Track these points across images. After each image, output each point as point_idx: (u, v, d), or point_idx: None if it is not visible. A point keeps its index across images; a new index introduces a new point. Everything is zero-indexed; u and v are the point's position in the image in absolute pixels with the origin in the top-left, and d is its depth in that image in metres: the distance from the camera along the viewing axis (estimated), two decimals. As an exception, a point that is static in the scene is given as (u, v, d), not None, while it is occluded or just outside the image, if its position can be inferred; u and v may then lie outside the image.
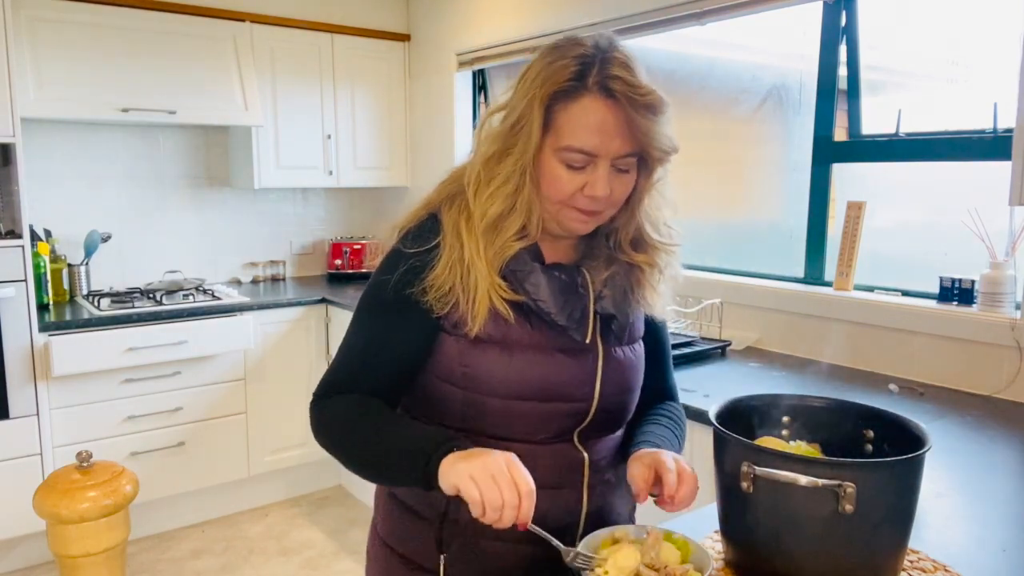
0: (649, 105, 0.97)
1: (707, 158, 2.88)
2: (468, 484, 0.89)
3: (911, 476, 0.91)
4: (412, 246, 1.05)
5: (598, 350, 1.08)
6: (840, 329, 2.27)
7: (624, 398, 1.13)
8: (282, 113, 3.61)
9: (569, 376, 1.06)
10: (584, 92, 0.97)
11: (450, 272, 1.02)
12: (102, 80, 3.06)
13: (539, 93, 0.98)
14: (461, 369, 1.04)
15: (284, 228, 4.03)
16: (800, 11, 2.42)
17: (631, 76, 0.97)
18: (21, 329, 2.78)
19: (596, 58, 0.98)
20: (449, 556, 1.08)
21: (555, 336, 1.05)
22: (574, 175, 1.00)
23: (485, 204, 1.03)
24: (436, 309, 1.03)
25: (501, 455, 0.91)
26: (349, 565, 3.02)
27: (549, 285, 1.05)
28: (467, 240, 1.03)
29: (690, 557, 0.94)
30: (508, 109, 1.04)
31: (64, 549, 2.31)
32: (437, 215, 1.08)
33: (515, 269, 1.04)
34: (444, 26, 3.77)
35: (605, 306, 1.08)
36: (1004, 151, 1.84)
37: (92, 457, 2.42)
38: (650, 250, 1.11)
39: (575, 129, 0.98)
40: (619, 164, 1.01)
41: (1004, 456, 1.55)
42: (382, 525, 1.19)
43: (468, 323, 1.02)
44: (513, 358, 1.03)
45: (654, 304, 1.14)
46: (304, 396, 3.51)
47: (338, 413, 1.06)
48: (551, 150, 1.00)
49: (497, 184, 1.02)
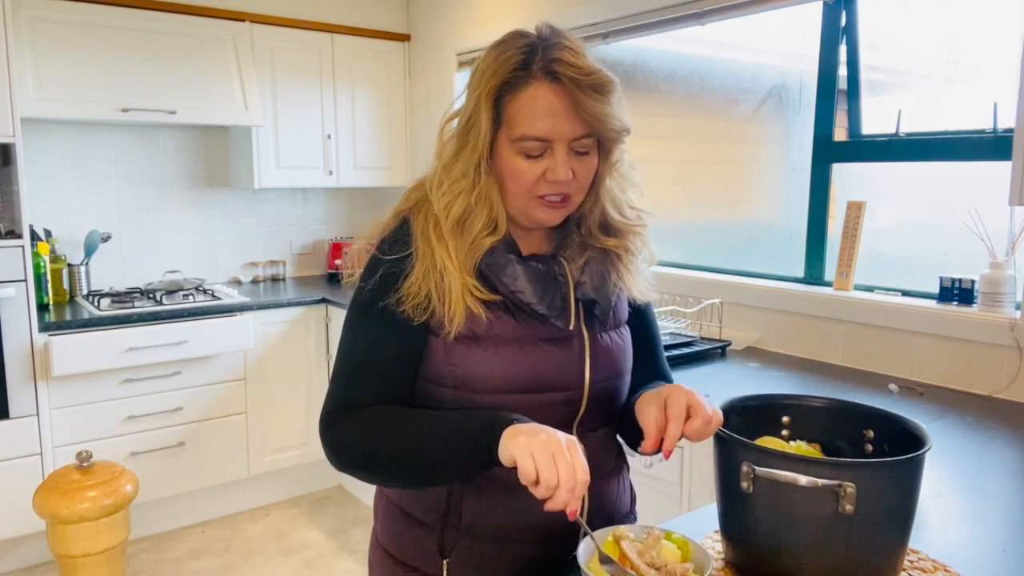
0: (595, 85, 0.98)
1: (707, 158, 2.88)
2: (525, 457, 0.87)
3: (911, 476, 0.90)
4: (389, 253, 1.06)
5: (583, 336, 1.09)
6: (840, 329, 2.27)
7: (615, 383, 1.13)
8: (282, 113, 3.61)
9: (556, 365, 1.06)
10: (530, 79, 0.99)
11: (424, 279, 1.03)
12: (102, 80, 3.06)
13: (486, 88, 1.00)
14: (449, 368, 1.04)
15: (284, 228, 4.04)
16: (800, 11, 2.42)
17: (575, 58, 0.98)
18: (21, 329, 2.78)
19: (539, 46, 1.00)
20: (451, 561, 1.08)
21: (539, 327, 1.05)
22: (533, 164, 1.01)
23: (445, 203, 1.04)
24: (414, 317, 1.03)
25: (564, 436, 0.90)
26: (349, 565, 3.03)
27: (526, 275, 1.05)
28: (436, 245, 1.04)
29: (690, 557, 0.94)
30: (463, 110, 1.05)
31: (64, 549, 2.31)
32: (408, 222, 1.08)
33: (491, 263, 1.04)
34: (444, 26, 3.77)
35: (585, 292, 1.09)
36: (1004, 151, 1.84)
37: (92, 457, 2.42)
38: (619, 233, 1.12)
39: (526, 117, 0.99)
40: (576, 147, 1.01)
41: (1004, 456, 1.55)
42: (383, 534, 1.18)
43: (447, 326, 1.02)
44: (498, 352, 1.03)
45: (632, 286, 1.15)
46: (304, 396, 3.54)
47: (360, 427, 1.03)
48: (507, 143, 1.01)
49: (453, 181, 1.04)
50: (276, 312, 3.40)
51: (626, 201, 1.13)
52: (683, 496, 1.86)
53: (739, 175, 2.82)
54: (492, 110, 1.00)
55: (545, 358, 1.05)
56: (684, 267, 2.81)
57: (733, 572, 0.99)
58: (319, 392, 3.58)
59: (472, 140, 1.02)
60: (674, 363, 2.24)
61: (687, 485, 1.84)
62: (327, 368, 3.58)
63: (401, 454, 1.00)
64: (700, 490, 1.80)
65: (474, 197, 1.03)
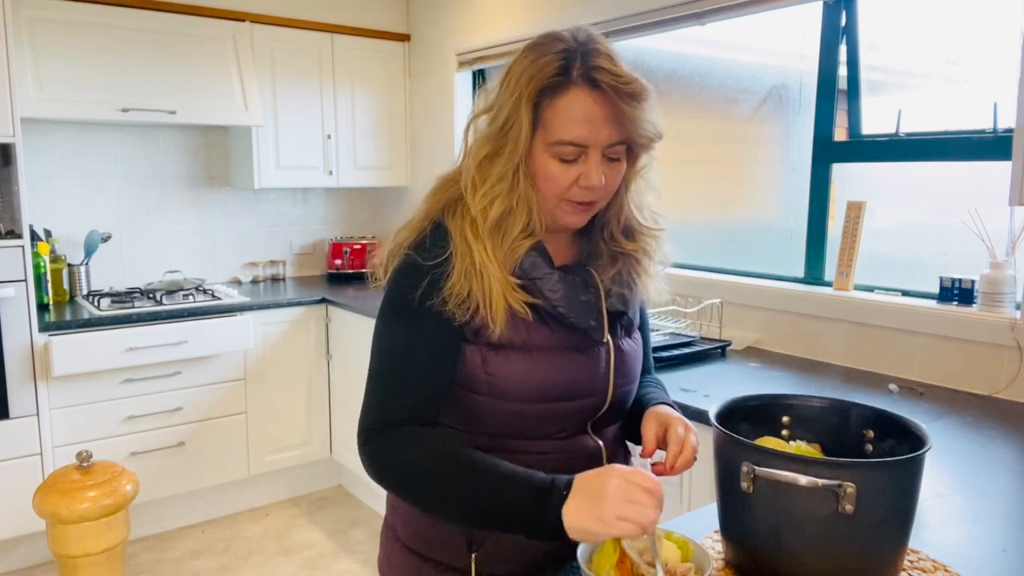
0: (633, 93, 0.99)
1: (707, 158, 2.88)
2: (616, 525, 0.86)
3: (911, 476, 0.90)
4: (429, 258, 1.04)
5: (609, 345, 1.12)
6: (840, 329, 2.27)
7: (632, 386, 1.17)
8: (282, 113, 3.61)
9: (587, 373, 1.08)
10: (570, 85, 0.99)
11: (465, 278, 1.02)
12: (102, 80, 3.06)
13: (526, 91, 1.00)
14: (485, 377, 1.05)
15: (284, 228, 4.04)
16: (800, 11, 2.42)
17: (614, 66, 0.99)
18: (21, 329, 2.78)
19: (578, 51, 1.00)
20: (480, 554, 1.08)
21: (571, 336, 1.08)
22: (567, 168, 1.02)
23: (484, 206, 1.04)
24: (457, 317, 1.02)
25: (609, 474, 0.90)
26: (349, 565, 3.03)
27: (564, 287, 1.07)
28: (475, 245, 1.03)
29: (690, 557, 0.94)
30: (495, 110, 1.05)
31: (64, 549, 2.31)
32: (443, 223, 1.07)
33: (534, 277, 1.05)
34: (444, 26, 3.77)
35: (615, 303, 1.12)
36: (1004, 151, 1.84)
37: (92, 457, 2.42)
38: (640, 237, 1.14)
39: (564, 122, 0.99)
40: (609, 153, 1.02)
41: (1004, 456, 1.55)
42: (404, 529, 1.17)
43: (489, 326, 1.02)
44: (535, 362, 1.05)
45: (650, 288, 1.17)
46: (304, 396, 3.54)
47: (408, 454, 1.00)
48: (542, 146, 1.02)
49: (492, 184, 1.03)
50: (276, 312, 3.40)
51: (646, 204, 1.14)
52: (683, 496, 1.86)
53: (739, 175, 2.82)
54: (531, 113, 1.00)
55: (577, 367, 1.08)
56: (684, 267, 2.81)
57: (733, 572, 0.99)
58: (319, 392, 3.58)
59: (511, 142, 1.01)
60: (674, 363, 2.25)
61: (687, 485, 1.84)
62: (327, 368, 3.58)
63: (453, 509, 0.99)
64: (700, 490, 1.80)
65: (514, 200, 1.03)
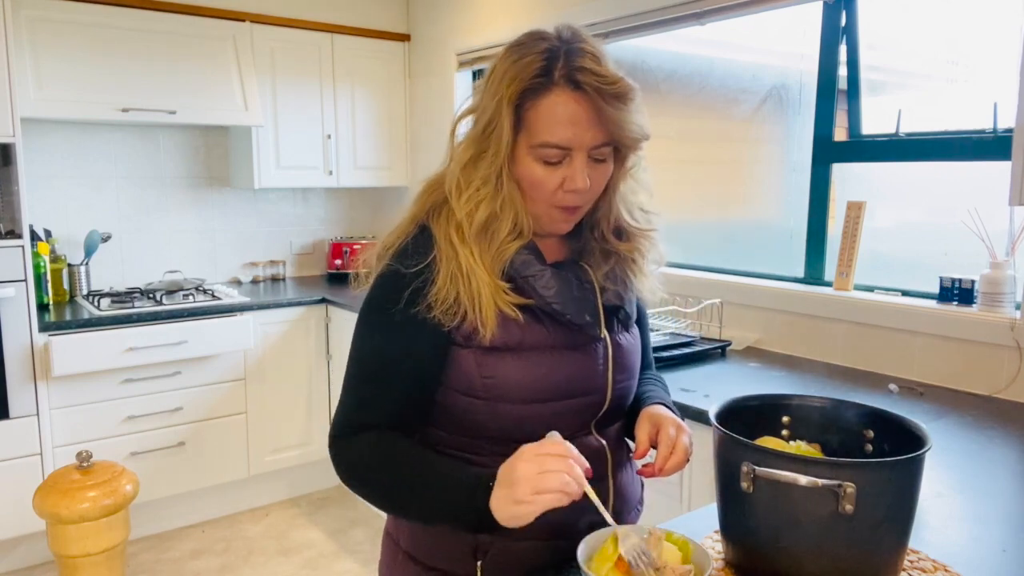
0: (618, 94, 0.96)
1: (707, 158, 2.88)
2: (537, 500, 0.88)
3: (911, 476, 0.90)
4: (410, 263, 1.02)
5: (607, 342, 1.10)
6: (840, 329, 2.27)
7: (631, 382, 1.16)
8: (282, 113, 3.61)
9: (585, 370, 1.07)
10: (552, 86, 0.97)
11: (451, 283, 1.00)
12: (102, 80, 3.06)
13: (507, 93, 0.98)
14: (482, 380, 1.03)
15: (284, 228, 4.04)
16: (800, 11, 2.42)
17: (598, 66, 0.96)
18: (21, 329, 2.78)
19: (560, 51, 0.97)
20: (485, 562, 1.06)
21: (568, 334, 1.06)
22: (551, 171, 1.00)
23: (469, 210, 1.02)
24: (444, 323, 1.00)
25: (518, 455, 0.91)
26: (349, 565, 3.03)
27: (559, 284, 1.05)
28: (461, 249, 1.01)
29: (690, 557, 0.94)
30: (478, 111, 1.03)
31: (64, 549, 2.31)
32: (427, 227, 1.06)
33: (526, 275, 1.04)
34: (444, 26, 3.77)
35: (610, 299, 1.11)
36: (1004, 151, 1.84)
37: (92, 457, 2.42)
38: (631, 238, 1.13)
39: (547, 124, 0.97)
40: (595, 155, 1.01)
41: (1004, 456, 1.55)
42: (407, 540, 1.14)
43: (480, 331, 1.01)
44: (532, 362, 1.03)
45: (644, 287, 1.17)
46: (304, 396, 3.54)
47: (364, 458, 1.03)
48: (526, 148, 1.00)
49: (476, 187, 1.02)
50: (276, 312, 3.40)
51: (637, 204, 1.13)
52: (683, 496, 1.86)
53: (739, 175, 2.82)
54: (513, 116, 0.98)
55: (575, 365, 1.06)
56: (684, 267, 2.81)
57: (733, 572, 0.99)
58: (319, 392, 3.58)
59: (494, 145, 1.00)
60: (674, 363, 2.25)
61: (687, 485, 1.84)
62: (327, 368, 3.58)
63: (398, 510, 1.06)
64: (700, 490, 1.80)
65: (499, 204, 1.01)
